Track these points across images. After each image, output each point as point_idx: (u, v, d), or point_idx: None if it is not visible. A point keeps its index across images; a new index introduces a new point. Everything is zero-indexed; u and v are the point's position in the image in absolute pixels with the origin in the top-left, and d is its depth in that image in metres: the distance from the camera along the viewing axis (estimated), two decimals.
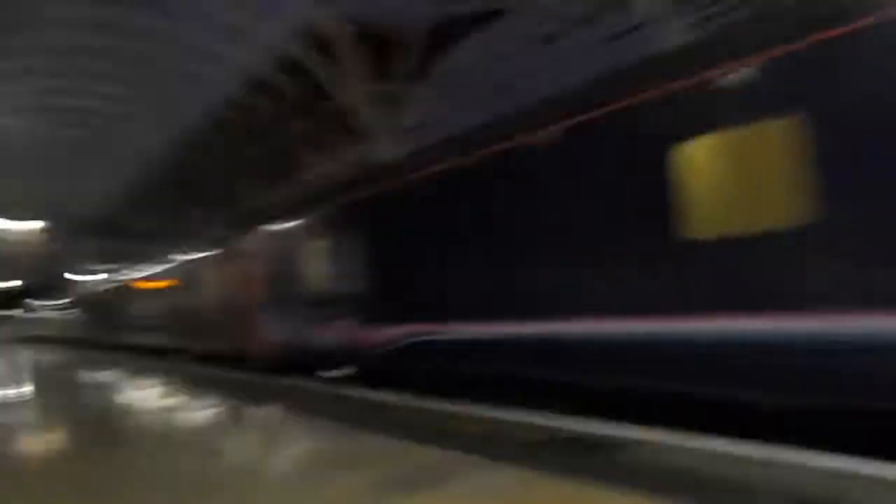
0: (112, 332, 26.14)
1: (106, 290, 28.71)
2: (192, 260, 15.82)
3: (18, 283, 60.29)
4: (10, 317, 64.61)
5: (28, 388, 14.31)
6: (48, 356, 26.60)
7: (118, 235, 49.89)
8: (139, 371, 14.16)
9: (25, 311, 60.11)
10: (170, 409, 8.89)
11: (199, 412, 8.13)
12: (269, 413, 7.24)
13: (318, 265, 9.39)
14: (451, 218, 7.16)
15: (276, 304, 10.77)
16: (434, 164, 7.48)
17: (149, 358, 18.23)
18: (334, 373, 9.01)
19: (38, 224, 56.49)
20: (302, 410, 7.01)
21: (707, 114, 4.78)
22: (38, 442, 7.76)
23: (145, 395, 10.53)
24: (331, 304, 9.09)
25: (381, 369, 8.30)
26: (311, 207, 9.89)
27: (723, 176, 4.72)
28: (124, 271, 25.95)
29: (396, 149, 18.79)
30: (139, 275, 22.14)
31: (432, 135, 14.84)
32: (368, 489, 4.03)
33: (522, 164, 6.29)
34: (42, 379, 16.58)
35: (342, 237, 8.94)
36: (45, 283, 53.90)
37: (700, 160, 4.84)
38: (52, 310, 46.27)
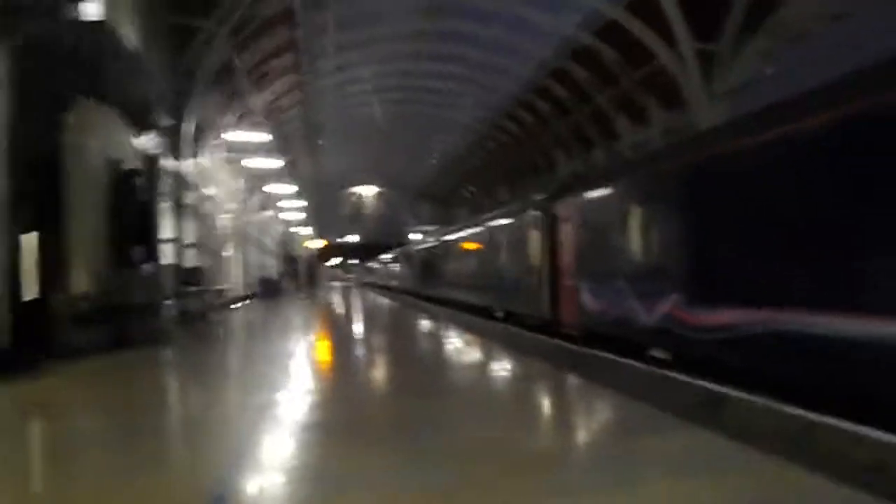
0: (427, 286, 28.83)
1: (424, 249, 31.75)
2: (505, 225, 16.20)
3: (358, 238, 71.27)
4: (356, 265, 77.32)
5: (360, 327, 16.43)
6: (378, 301, 30.65)
7: (441, 202, 55.45)
8: (449, 322, 15.06)
9: (362, 262, 71.03)
10: (480, 366, 9.02)
11: (512, 373, 8.02)
12: (581, 385, 6.74)
13: (641, 238, 8.52)
14: (825, 188, 5.64)
15: (592, 274, 10.22)
16: (790, 123, 5.97)
17: (459, 312, 19.47)
18: (657, 353, 8.12)
19: (374, 189, 66.14)
20: (619, 389, 6.31)
21: None
22: (373, 378, 8.50)
23: (456, 346, 10.96)
24: (654, 279, 8.16)
25: (709, 357, 7.15)
26: (635, 175, 9.03)
27: None
28: (444, 233, 28.26)
29: (714, 115, 16.61)
30: (455, 236, 23.78)
31: (758, 98, 12.56)
32: None
33: None
34: (372, 321, 18.93)
35: (669, 209, 7.90)
36: (380, 240, 62.60)
37: None
38: (383, 263, 53.57)
